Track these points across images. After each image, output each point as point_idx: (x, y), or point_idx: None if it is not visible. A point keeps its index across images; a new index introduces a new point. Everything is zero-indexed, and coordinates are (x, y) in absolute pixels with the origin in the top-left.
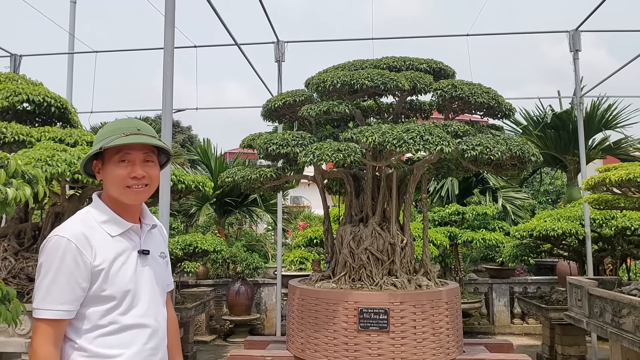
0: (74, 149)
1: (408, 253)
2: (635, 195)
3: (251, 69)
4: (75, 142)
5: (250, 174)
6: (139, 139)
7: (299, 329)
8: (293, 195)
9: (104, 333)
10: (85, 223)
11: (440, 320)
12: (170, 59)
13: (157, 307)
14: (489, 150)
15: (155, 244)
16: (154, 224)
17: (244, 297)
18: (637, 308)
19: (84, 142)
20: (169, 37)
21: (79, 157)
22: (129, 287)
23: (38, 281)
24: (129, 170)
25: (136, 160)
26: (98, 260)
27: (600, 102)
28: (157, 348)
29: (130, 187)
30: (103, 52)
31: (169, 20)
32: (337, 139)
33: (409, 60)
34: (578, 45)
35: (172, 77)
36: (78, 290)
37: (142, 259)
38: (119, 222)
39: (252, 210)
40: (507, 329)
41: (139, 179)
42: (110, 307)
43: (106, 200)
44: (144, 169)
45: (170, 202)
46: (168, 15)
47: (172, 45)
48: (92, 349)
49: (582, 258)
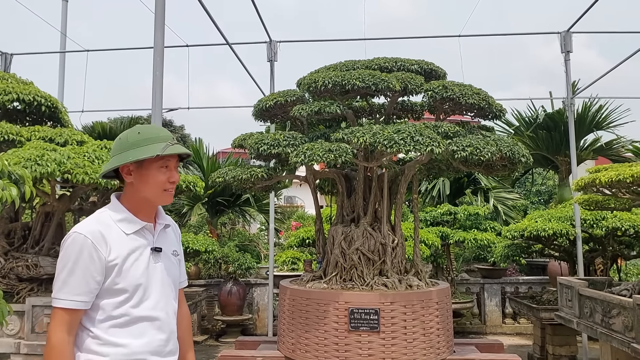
0: (64, 149)
1: (399, 253)
2: (626, 196)
3: (244, 69)
4: (65, 141)
5: (241, 174)
6: (182, 149)
7: (290, 330)
8: (286, 195)
9: (116, 324)
10: (101, 221)
11: (430, 321)
12: (160, 58)
13: (168, 301)
14: (479, 151)
15: (169, 242)
16: (168, 223)
17: (235, 297)
18: (627, 309)
19: (74, 142)
20: (159, 37)
21: (68, 157)
22: (141, 281)
23: (57, 273)
24: (168, 176)
25: (172, 167)
26: (112, 255)
27: (592, 103)
28: (167, 340)
29: (167, 190)
30: (94, 51)
31: (159, 20)
32: (328, 139)
33: (400, 61)
34: (569, 47)
35: (162, 77)
36: (93, 283)
37: (154, 256)
38: (133, 221)
39: (244, 210)
40: (498, 328)
41: (174, 183)
42: (122, 299)
43: (125, 200)
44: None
45: None
46: (158, 14)
47: (162, 45)
48: (105, 337)
49: (573, 258)
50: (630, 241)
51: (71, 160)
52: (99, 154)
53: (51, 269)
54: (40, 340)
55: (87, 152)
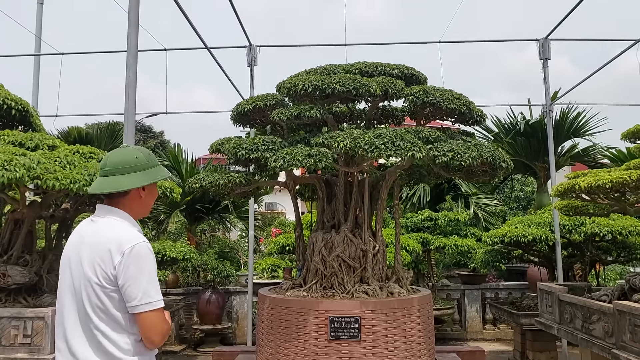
0: (34, 153)
1: (380, 260)
2: (604, 201)
3: (224, 73)
4: (36, 146)
5: (218, 180)
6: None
7: (269, 339)
8: (268, 201)
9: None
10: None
11: (412, 328)
12: (134, 59)
13: None
14: (460, 156)
15: None
16: None
17: (214, 305)
18: (607, 314)
19: (46, 146)
20: (133, 37)
21: (39, 162)
22: None
23: (146, 280)
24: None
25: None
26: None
27: (570, 110)
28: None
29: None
30: (69, 54)
31: (132, 20)
32: (308, 144)
33: (380, 66)
34: (547, 53)
35: (135, 79)
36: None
37: None
38: (141, 232)
39: (224, 217)
40: (479, 334)
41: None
42: None
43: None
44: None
45: None
46: (132, 13)
47: (135, 45)
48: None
49: (552, 264)
50: (608, 246)
51: (41, 166)
52: (70, 159)
53: (20, 279)
54: (7, 353)
55: (59, 157)
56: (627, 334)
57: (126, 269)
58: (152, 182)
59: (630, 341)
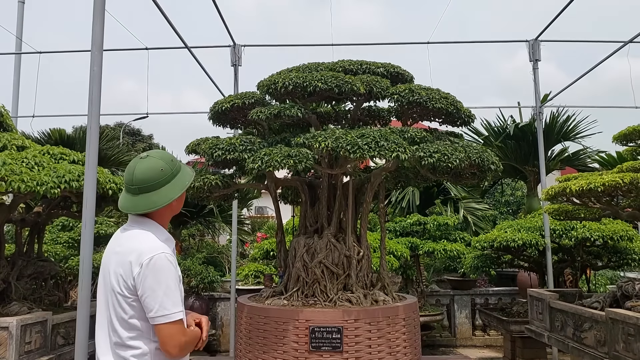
0: (1, 154)
1: (364, 266)
2: (596, 205)
3: (205, 73)
4: (3, 146)
5: (193, 182)
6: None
7: (247, 350)
8: (257, 205)
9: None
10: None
11: (397, 338)
12: (99, 52)
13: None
14: (447, 158)
15: None
16: None
17: (198, 312)
18: (599, 322)
19: (14, 147)
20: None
21: (4, 163)
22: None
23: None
24: None
25: None
26: (179, 271)
27: (560, 113)
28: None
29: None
30: (47, 52)
31: (98, 10)
32: (289, 144)
33: (365, 64)
34: (538, 55)
35: (100, 73)
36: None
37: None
38: (171, 239)
39: (209, 221)
40: (468, 341)
41: None
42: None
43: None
44: None
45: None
46: (97, 4)
47: (101, 37)
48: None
49: (542, 269)
50: (599, 251)
51: (6, 167)
52: (39, 159)
53: None
54: None
55: (26, 158)
56: (620, 344)
57: (144, 281)
58: (182, 191)
59: (624, 351)
